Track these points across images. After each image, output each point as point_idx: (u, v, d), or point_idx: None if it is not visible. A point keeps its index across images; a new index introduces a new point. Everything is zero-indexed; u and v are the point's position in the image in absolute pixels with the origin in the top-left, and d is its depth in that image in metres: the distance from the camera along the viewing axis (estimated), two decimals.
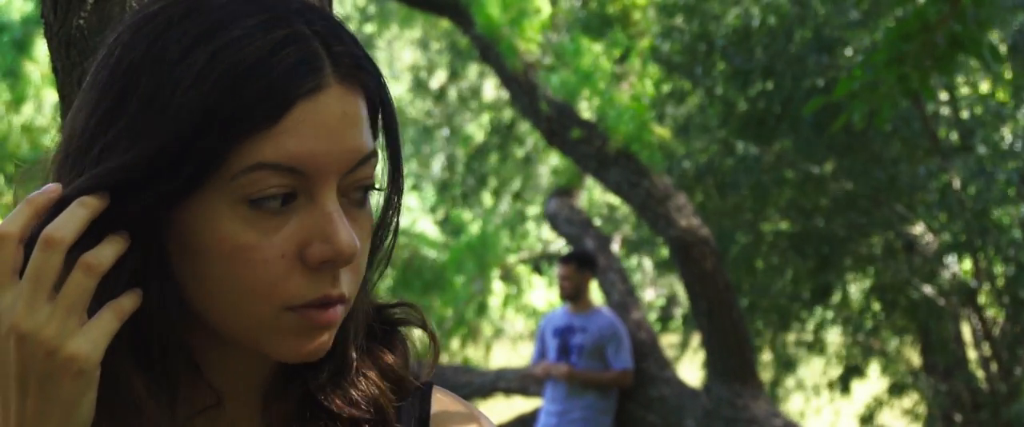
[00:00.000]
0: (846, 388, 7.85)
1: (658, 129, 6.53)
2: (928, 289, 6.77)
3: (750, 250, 7.34)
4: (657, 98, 7.11)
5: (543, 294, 10.79)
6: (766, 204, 7.24)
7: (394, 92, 0.83)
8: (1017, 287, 6.31)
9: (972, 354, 7.10)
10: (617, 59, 6.88)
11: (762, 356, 8.02)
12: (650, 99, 6.76)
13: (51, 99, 9.10)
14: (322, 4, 1.09)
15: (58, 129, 0.84)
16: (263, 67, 0.71)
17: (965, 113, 6.76)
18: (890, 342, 7.81)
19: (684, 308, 9.02)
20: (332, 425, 0.80)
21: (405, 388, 0.84)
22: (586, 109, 6.37)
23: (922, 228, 6.81)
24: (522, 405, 7.64)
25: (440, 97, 11.26)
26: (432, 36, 11.09)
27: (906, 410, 7.68)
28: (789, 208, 7.30)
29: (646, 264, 10.69)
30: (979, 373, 6.86)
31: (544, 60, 6.50)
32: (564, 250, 8.72)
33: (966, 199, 6.09)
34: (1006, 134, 6.37)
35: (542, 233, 12.06)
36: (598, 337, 5.74)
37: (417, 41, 11.58)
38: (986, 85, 6.83)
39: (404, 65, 11.93)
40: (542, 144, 9.16)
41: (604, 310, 5.99)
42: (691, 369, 8.70)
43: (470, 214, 11.36)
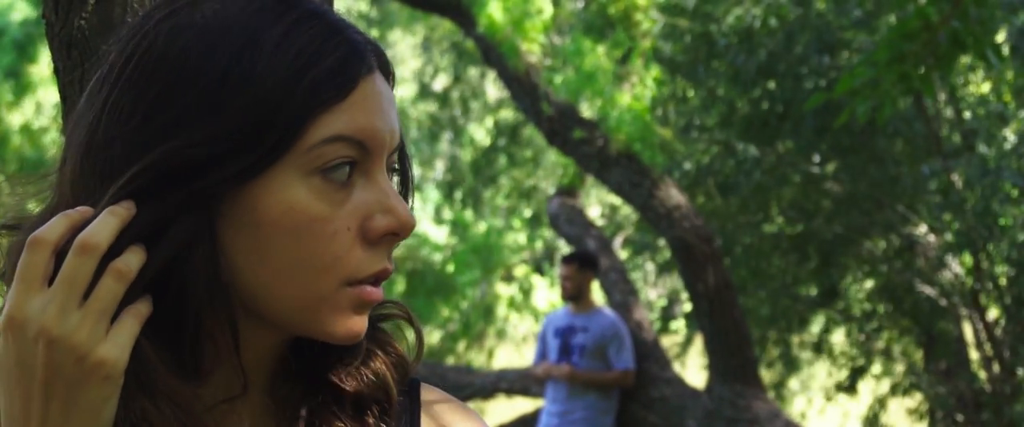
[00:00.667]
0: (853, 387, 7.84)
1: (660, 130, 6.53)
2: (930, 290, 6.76)
3: (752, 251, 7.33)
4: (659, 99, 7.09)
5: (545, 295, 10.79)
6: (768, 205, 7.23)
7: (398, 95, 0.85)
8: (1019, 287, 6.30)
9: (974, 354, 7.09)
10: (619, 60, 6.88)
11: (766, 356, 8.01)
12: (652, 100, 6.75)
13: (51, 99, 9.11)
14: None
15: (60, 130, 0.84)
16: (334, 43, 0.75)
17: (967, 114, 6.75)
18: (892, 343, 7.80)
19: (685, 308, 9.03)
20: (340, 405, 0.82)
21: (406, 371, 0.86)
22: (588, 110, 6.37)
23: (924, 229, 6.80)
24: (524, 405, 7.64)
25: (444, 100, 11.25)
26: (434, 39, 11.08)
27: (909, 410, 7.68)
28: (791, 209, 7.29)
29: (647, 264, 10.69)
30: (981, 373, 6.85)
31: (546, 61, 6.50)
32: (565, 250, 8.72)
33: (968, 199, 6.08)
34: (1009, 135, 6.36)
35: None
36: (600, 337, 5.73)
37: (419, 45, 11.57)
38: (987, 86, 6.82)
39: (409, 69, 11.91)
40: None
41: (606, 310, 5.99)
42: (693, 369, 8.70)
43: (474, 216, 11.34)
